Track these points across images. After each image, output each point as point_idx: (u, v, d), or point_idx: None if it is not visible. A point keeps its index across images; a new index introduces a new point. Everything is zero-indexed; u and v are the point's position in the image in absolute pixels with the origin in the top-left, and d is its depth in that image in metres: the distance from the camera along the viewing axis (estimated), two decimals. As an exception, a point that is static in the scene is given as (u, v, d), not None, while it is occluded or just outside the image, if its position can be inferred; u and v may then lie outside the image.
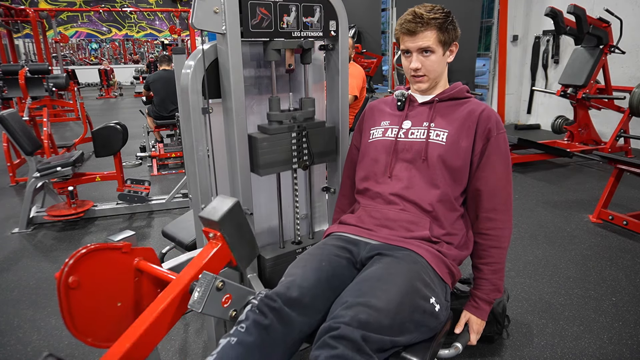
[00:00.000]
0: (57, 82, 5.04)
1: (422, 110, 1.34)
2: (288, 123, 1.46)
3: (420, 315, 1.06)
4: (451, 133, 1.26)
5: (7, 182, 4.38)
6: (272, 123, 1.45)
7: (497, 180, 1.25)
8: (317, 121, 1.54)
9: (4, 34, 9.64)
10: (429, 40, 1.24)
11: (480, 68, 7.62)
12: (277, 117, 1.45)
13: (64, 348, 1.89)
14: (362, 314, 0.96)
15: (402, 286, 1.05)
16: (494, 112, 1.30)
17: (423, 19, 1.22)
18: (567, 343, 1.86)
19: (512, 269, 2.50)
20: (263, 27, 1.35)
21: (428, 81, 1.31)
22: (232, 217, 1.07)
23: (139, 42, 18.85)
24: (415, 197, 1.25)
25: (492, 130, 1.25)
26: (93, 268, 1.08)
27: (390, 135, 1.33)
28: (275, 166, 1.46)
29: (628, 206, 3.40)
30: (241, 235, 1.12)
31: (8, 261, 2.73)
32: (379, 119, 1.41)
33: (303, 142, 1.50)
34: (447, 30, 1.24)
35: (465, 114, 1.28)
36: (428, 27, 1.23)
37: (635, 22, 5.14)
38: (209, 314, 1.05)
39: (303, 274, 1.13)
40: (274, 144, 1.44)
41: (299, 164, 1.52)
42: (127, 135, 3.46)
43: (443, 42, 1.25)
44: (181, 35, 9.92)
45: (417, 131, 1.30)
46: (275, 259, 1.53)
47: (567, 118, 5.16)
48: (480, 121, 1.26)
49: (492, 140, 1.25)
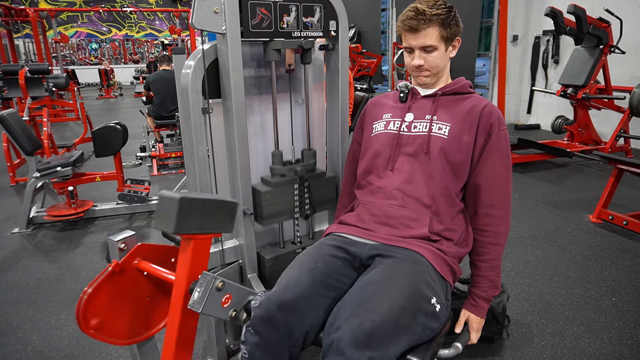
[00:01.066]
0: (57, 82, 5.04)
1: (425, 103, 1.34)
2: (291, 176, 1.51)
3: (423, 317, 1.06)
4: (453, 127, 1.26)
5: (7, 182, 4.38)
6: (275, 176, 1.50)
7: (496, 176, 1.25)
8: (318, 172, 1.59)
9: (4, 34, 9.65)
10: (431, 38, 1.23)
11: (480, 68, 7.62)
12: (280, 170, 1.50)
13: (64, 348, 1.89)
14: (366, 323, 0.96)
15: (404, 289, 1.05)
16: (495, 108, 1.30)
17: (425, 15, 1.21)
18: (567, 343, 1.86)
19: (512, 269, 2.49)
20: (263, 27, 1.35)
21: (430, 76, 1.31)
22: (185, 217, 0.99)
23: (139, 42, 18.85)
24: (415, 191, 1.25)
25: (493, 126, 1.25)
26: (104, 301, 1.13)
27: (393, 128, 1.33)
28: (277, 216, 1.52)
29: (628, 206, 3.40)
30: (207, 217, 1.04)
31: (8, 261, 2.73)
32: (381, 112, 1.41)
33: (305, 192, 1.56)
34: (449, 26, 1.23)
35: (468, 109, 1.28)
36: (430, 23, 1.21)
37: (635, 22, 5.14)
38: (209, 314, 1.05)
39: (298, 276, 1.14)
40: (277, 196, 1.49)
41: (300, 214, 1.57)
42: (127, 135, 3.46)
43: (445, 38, 1.25)
44: (181, 35, 9.92)
45: (420, 124, 1.30)
46: (275, 259, 1.53)
47: (567, 118, 5.16)
48: (482, 116, 1.26)
49: (494, 136, 1.25)
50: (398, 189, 1.26)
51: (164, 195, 0.99)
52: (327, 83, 1.64)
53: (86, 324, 1.09)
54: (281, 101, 1.59)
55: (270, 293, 1.11)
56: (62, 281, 2.46)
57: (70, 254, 2.80)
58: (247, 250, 1.52)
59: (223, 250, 1.52)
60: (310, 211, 1.58)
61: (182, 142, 1.53)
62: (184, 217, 0.98)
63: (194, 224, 1.02)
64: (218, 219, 1.07)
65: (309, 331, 1.09)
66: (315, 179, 1.57)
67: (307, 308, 1.09)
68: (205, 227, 1.05)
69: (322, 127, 1.73)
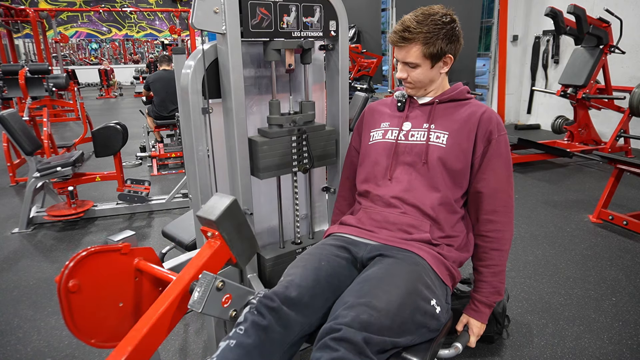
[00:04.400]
0: (57, 82, 5.04)
1: (422, 111, 1.33)
2: (288, 126, 1.46)
3: (421, 317, 1.06)
4: (451, 135, 1.25)
5: (7, 182, 4.38)
6: (272, 126, 1.45)
7: (498, 183, 1.24)
8: (317, 124, 1.54)
9: (4, 34, 9.65)
10: (412, 56, 1.23)
11: (480, 68, 7.62)
12: (277, 120, 1.45)
13: (64, 348, 1.89)
14: (363, 314, 0.96)
15: (403, 287, 1.05)
16: (494, 114, 1.28)
17: (410, 32, 1.20)
18: (567, 343, 1.86)
19: (512, 269, 2.49)
20: (263, 27, 1.35)
21: (414, 89, 1.31)
22: (229, 215, 1.06)
23: (139, 42, 18.85)
24: (415, 200, 1.24)
25: (493, 132, 1.25)
26: (93, 271, 1.08)
27: (391, 137, 1.33)
28: (275, 169, 1.47)
29: (628, 206, 3.40)
30: (240, 233, 1.11)
31: (8, 261, 2.73)
32: (378, 120, 1.40)
33: (303, 145, 1.50)
34: (434, 45, 1.21)
35: (466, 116, 1.27)
36: (412, 42, 1.21)
37: (635, 22, 5.14)
38: (209, 314, 1.05)
39: (302, 274, 1.13)
40: (274, 147, 1.44)
41: (299, 167, 1.52)
42: (127, 135, 3.46)
43: (430, 56, 1.23)
44: (181, 35, 9.91)
45: (417, 133, 1.29)
46: (275, 259, 1.53)
47: (567, 118, 5.16)
48: (481, 123, 1.25)
49: (494, 142, 1.24)
50: (397, 197, 1.26)
51: (221, 194, 1.10)
52: (327, 83, 1.64)
53: (65, 284, 1.03)
54: (281, 101, 1.59)
55: (275, 288, 1.10)
56: (62, 281, 2.45)
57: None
58: (247, 250, 1.52)
59: (223, 250, 1.51)
60: (309, 164, 1.54)
61: (182, 142, 1.53)
62: (227, 215, 1.05)
63: (228, 228, 1.08)
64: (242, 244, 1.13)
65: (307, 329, 1.09)
66: (314, 131, 1.52)
67: (309, 307, 1.09)
68: (232, 241, 1.10)
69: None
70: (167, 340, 1.91)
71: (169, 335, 1.93)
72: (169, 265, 1.45)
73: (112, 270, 1.12)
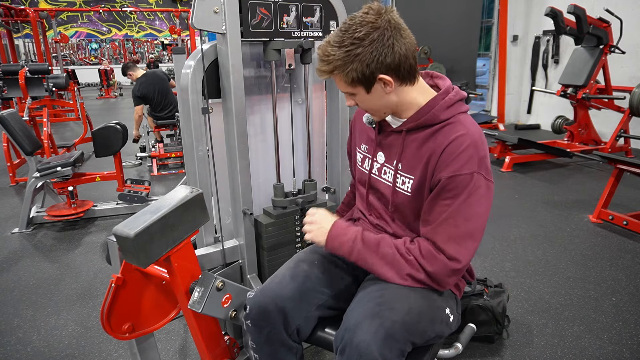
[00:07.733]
0: (57, 82, 5.03)
1: (394, 140, 1.13)
2: (292, 208, 1.55)
3: (439, 325, 1.07)
4: (416, 179, 1.06)
5: (7, 182, 4.38)
6: (277, 208, 1.54)
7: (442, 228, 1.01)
8: (319, 203, 1.62)
9: (4, 34, 9.65)
10: (341, 86, 1.03)
11: (480, 68, 7.61)
12: (282, 203, 1.54)
13: (64, 348, 1.89)
14: (387, 322, 0.96)
15: (419, 298, 1.04)
16: (470, 145, 0.98)
17: (326, 61, 0.98)
18: (567, 343, 1.86)
19: (512, 269, 2.49)
20: (263, 27, 1.35)
21: (374, 115, 1.11)
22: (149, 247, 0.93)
23: (139, 42, 18.84)
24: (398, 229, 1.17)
25: (450, 168, 0.98)
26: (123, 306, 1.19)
27: (366, 167, 1.22)
28: (279, 247, 1.55)
29: (628, 206, 3.40)
30: (172, 231, 1.00)
31: (8, 261, 2.73)
32: (360, 139, 1.26)
33: None
34: (352, 71, 0.96)
35: (432, 150, 1.02)
36: (333, 73, 0.99)
37: (635, 22, 5.14)
38: (209, 314, 1.05)
39: (294, 270, 1.17)
40: (278, 227, 1.53)
41: (302, 245, 1.61)
42: (127, 135, 3.46)
43: (357, 81, 0.98)
44: (181, 35, 9.91)
45: (388, 171, 1.14)
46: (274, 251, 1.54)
47: (567, 118, 5.15)
48: (441, 158, 1.00)
49: (444, 181, 0.99)
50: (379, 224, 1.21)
51: (118, 234, 0.92)
52: (327, 83, 1.64)
53: (119, 331, 1.16)
54: (281, 101, 1.59)
55: (265, 285, 1.13)
56: (62, 281, 2.45)
57: (70, 254, 2.80)
58: (247, 250, 1.53)
59: (224, 250, 1.52)
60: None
61: (182, 142, 1.53)
62: (148, 249, 0.93)
63: (162, 247, 0.96)
64: (186, 221, 1.02)
65: (301, 325, 1.12)
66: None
67: (302, 302, 1.11)
68: (177, 238, 1.00)
69: (323, 127, 1.73)
70: (167, 340, 1.91)
71: (169, 335, 1.93)
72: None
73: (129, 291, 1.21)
